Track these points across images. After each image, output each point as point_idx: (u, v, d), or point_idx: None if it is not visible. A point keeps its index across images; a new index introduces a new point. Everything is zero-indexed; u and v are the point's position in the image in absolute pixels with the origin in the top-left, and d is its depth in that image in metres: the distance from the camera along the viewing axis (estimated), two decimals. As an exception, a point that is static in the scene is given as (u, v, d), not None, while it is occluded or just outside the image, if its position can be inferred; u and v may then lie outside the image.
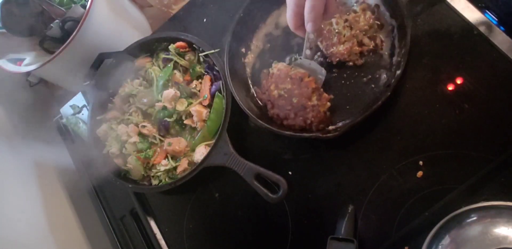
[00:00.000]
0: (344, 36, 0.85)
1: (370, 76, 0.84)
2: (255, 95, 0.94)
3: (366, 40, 0.85)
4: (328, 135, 0.79)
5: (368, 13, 0.85)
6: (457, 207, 0.66)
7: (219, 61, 0.95)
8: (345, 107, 0.85)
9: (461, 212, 0.64)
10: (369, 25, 0.85)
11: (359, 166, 0.81)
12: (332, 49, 0.86)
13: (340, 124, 0.84)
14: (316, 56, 0.91)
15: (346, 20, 0.86)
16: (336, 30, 0.86)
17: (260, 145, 0.92)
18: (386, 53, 0.84)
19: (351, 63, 0.86)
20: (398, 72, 0.77)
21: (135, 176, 1.01)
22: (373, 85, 0.84)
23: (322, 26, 0.88)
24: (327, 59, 0.89)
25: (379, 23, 0.85)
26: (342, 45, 0.85)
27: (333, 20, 0.87)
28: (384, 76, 0.83)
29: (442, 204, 0.70)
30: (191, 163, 0.95)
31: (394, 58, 0.82)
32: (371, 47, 0.85)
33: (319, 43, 0.89)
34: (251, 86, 0.96)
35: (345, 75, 0.87)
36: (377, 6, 0.86)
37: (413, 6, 0.78)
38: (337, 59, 0.86)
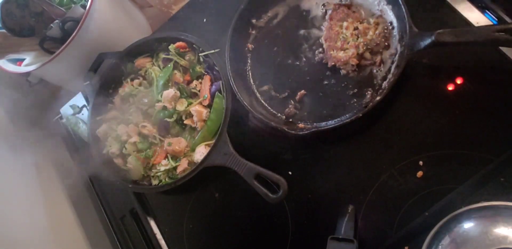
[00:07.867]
0: (348, 43, 0.84)
1: (356, 91, 0.84)
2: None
3: (367, 55, 0.84)
4: (292, 131, 0.81)
5: (380, 29, 0.83)
6: (457, 207, 0.65)
7: (219, 61, 0.95)
8: (322, 111, 0.86)
9: (461, 212, 0.64)
10: (376, 40, 0.82)
11: (359, 166, 0.81)
12: (331, 52, 0.86)
13: (309, 125, 0.85)
14: (317, 52, 0.91)
15: (356, 28, 0.85)
16: (343, 35, 0.85)
17: (260, 145, 0.92)
18: (381, 75, 0.83)
19: (344, 72, 0.86)
20: (378, 98, 0.77)
21: (135, 176, 1.01)
22: (355, 100, 0.84)
23: (333, 25, 0.87)
24: (323, 61, 0.89)
25: (386, 44, 0.83)
26: (342, 52, 0.84)
27: (344, 24, 0.86)
28: (369, 96, 0.82)
29: (442, 204, 0.70)
30: (191, 163, 0.95)
31: (385, 83, 0.81)
32: (369, 62, 0.83)
33: (323, 41, 0.89)
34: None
35: (333, 81, 0.87)
36: (391, 25, 0.83)
37: (418, 40, 0.73)
38: (333, 63, 0.85)
